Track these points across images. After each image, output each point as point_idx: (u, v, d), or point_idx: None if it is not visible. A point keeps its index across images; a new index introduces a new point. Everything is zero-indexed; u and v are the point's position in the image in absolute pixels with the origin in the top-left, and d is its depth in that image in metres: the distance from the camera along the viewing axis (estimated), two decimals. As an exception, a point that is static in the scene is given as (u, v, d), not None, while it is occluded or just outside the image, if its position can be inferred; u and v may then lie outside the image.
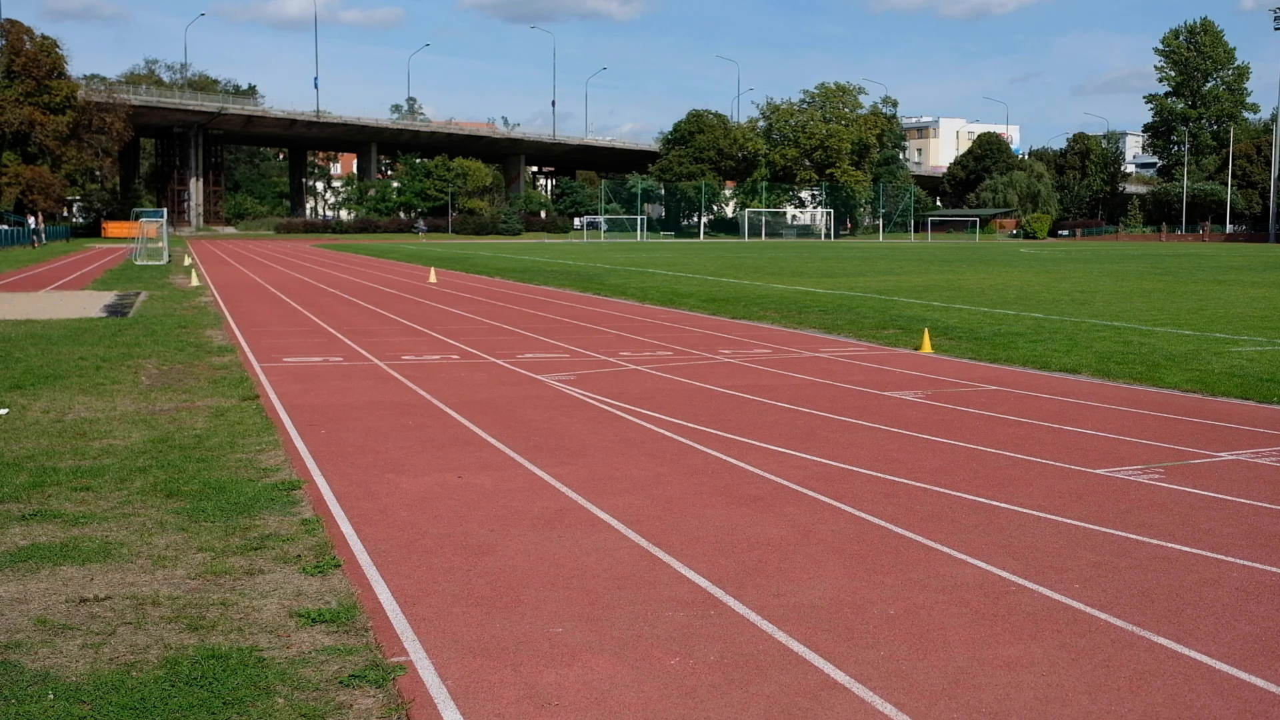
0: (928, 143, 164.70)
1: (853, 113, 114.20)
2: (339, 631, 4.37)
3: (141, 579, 5.00)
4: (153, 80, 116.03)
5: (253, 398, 10.00)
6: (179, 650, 4.13)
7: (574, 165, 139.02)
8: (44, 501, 6.30)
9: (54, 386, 10.55)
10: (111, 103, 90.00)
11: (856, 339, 15.51)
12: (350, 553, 5.42)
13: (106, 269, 36.79)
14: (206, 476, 6.92)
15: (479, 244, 76.79)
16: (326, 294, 25.23)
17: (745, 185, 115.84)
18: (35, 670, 3.94)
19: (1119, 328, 16.66)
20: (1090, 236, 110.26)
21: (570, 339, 15.44)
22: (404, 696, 3.77)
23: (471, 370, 12.22)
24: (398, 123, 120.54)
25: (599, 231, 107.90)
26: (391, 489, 6.74)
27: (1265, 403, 9.99)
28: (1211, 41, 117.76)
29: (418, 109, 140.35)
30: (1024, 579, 5.05)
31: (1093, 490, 6.74)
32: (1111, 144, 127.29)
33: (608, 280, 29.94)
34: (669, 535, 5.76)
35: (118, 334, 15.37)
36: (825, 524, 5.97)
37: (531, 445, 8.05)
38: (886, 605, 4.70)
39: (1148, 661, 4.12)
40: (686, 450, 7.93)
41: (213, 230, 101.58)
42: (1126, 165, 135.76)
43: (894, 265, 40.19)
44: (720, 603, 4.74)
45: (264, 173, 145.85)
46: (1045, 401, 10.08)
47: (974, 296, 23.63)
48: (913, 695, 3.79)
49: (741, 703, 3.74)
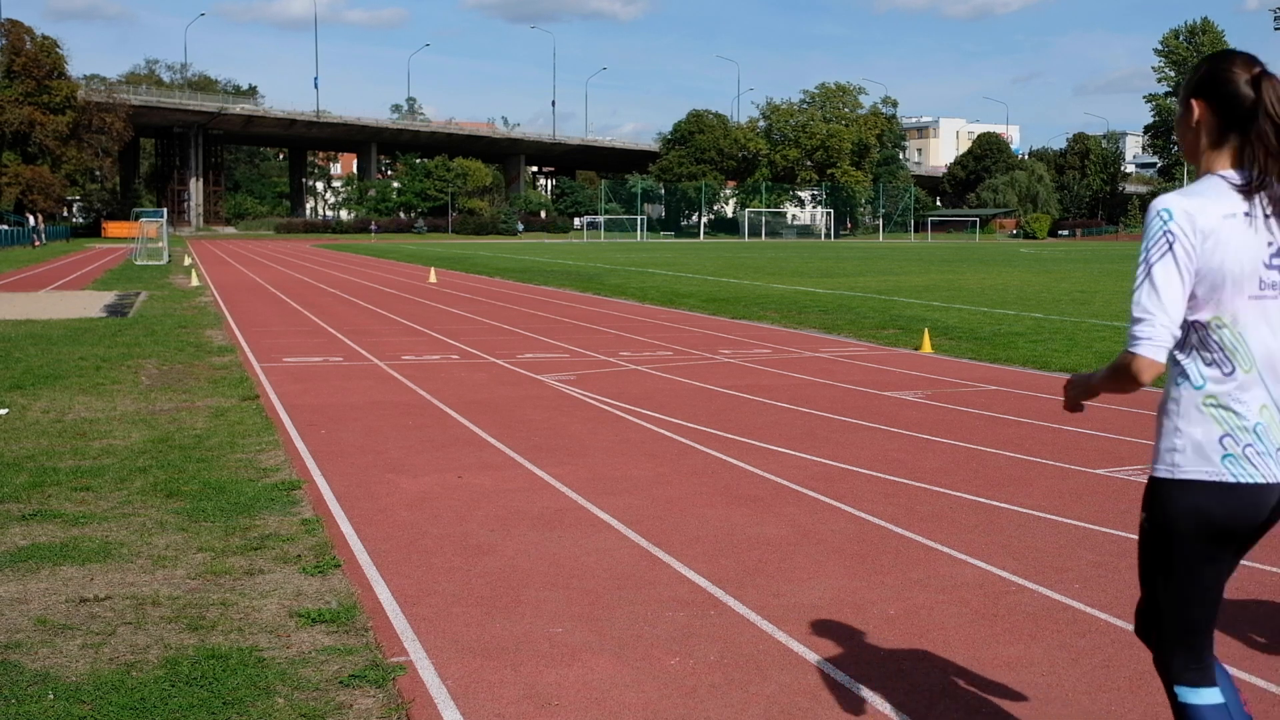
0: (928, 143, 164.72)
1: (853, 113, 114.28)
2: (339, 631, 4.37)
3: (141, 579, 5.00)
4: (153, 80, 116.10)
5: (253, 398, 10.00)
6: (179, 650, 4.13)
7: (574, 165, 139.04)
8: (44, 501, 6.30)
9: (54, 386, 10.55)
10: (111, 103, 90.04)
11: (856, 339, 15.51)
12: (350, 553, 5.42)
13: (106, 269, 36.79)
14: (206, 476, 6.92)
15: (479, 244, 76.81)
16: (326, 294, 25.24)
17: (745, 185, 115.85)
18: (35, 670, 3.94)
19: (1119, 328, 16.66)
20: (1090, 236, 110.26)
21: (570, 339, 15.45)
22: (404, 696, 3.77)
23: (471, 370, 12.22)
24: (398, 123, 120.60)
25: (599, 231, 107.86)
26: (391, 489, 6.74)
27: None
28: (1211, 42, 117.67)
29: (418, 109, 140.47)
30: (1024, 579, 5.05)
31: (1093, 490, 6.74)
32: (1111, 144, 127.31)
33: (608, 280, 29.95)
34: (669, 535, 5.76)
35: (118, 334, 15.37)
36: (825, 524, 5.97)
37: (531, 445, 8.05)
38: (886, 605, 4.70)
39: (1148, 661, 4.11)
40: (686, 450, 7.93)
41: (213, 230, 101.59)
42: (1126, 165, 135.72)
43: (894, 265, 40.19)
44: (720, 603, 4.74)
45: (264, 173, 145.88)
46: (1045, 401, 10.08)
47: (974, 296, 23.63)
48: (913, 695, 3.79)
49: (741, 703, 3.74)
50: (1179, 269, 2.48)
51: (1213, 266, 2.49)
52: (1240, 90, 2.53)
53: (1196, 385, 2.56)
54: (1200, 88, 2.61)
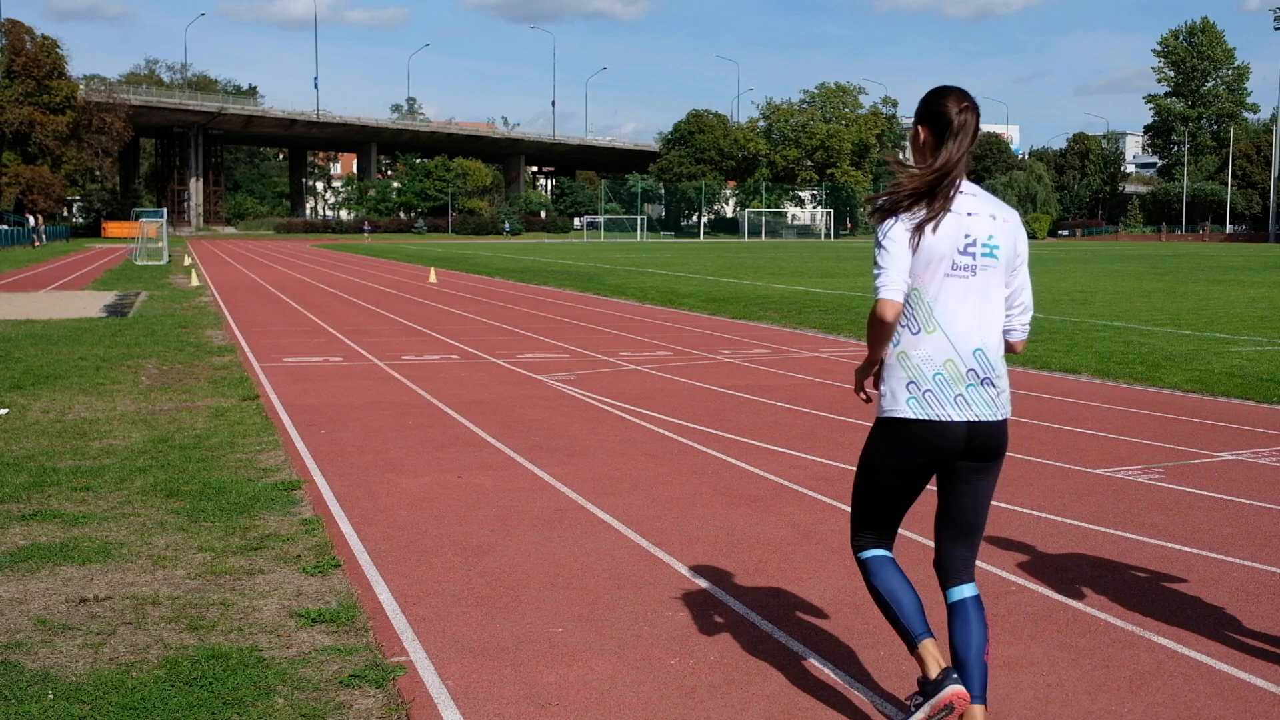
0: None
1: (853, 113, 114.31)
2: (339, 631, 4.37)
3: (141, 579, 5.00)
4: (153, 80, 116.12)
5: (253, 398, 10.00)
6: (179, 650, 4.13)
7: (574, 165, 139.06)
8: (44, 501, 6.30)
9: (54, 386, 10.55)
10: (111, 103, 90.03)
11: (857, 339, 15.50)
12: (350, 553, 5.42)
13: (106, 269, 36.79)
14: (206, 476, 6.92)
15: (479, 244, 76.80)
16: (326, 294, 25.24)
17: (745, 185, 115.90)
18: (35, 670, 3.94)
19: (1119, 328, 16.66)
20: (1090, 236, 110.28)
21: (570, 339, 15.45)
22: (404, 696, 3.77)
23: (471, 370, 12.23)
24: (398, 123, 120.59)
25: (599, 231, 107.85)
26: (391, 489, 6.74)
27: (1265, 403, 9.99)
28: (1211, 41, 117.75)
29: (418, 109, 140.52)
30: (1024, 579, 5.05)
31: (1093, 490, 6.74)
32: (1111, 144, 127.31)
33: (607, 280, 29.95)
34: (669, 535, 5.76)
35: (118, 334, 15.37)
36: (825, 524, 5.97)
37: (531, 445, 8.05)
38: (886, 605, 4.69)
39: (1148, 661, 4.12)
40: (686, 450, 7.93)
41: (213, 230, 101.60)
42: (1126, 165, 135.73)
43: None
44: (720, 602, 4.74)
45: (264, 173, 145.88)
46: (1045, 401, 10.08)
47: (974, 296, 23.59)
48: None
49: (741, 703, 3.74)
50: (900, 240, 3.22)
51: (922, 249, 3.22)
52: (952, 118, 3.26)
53: (895, 344, 3.30)
54: (923, 116, 3.34)
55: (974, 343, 3.27)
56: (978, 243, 3.27)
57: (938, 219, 3.23)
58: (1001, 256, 3.30)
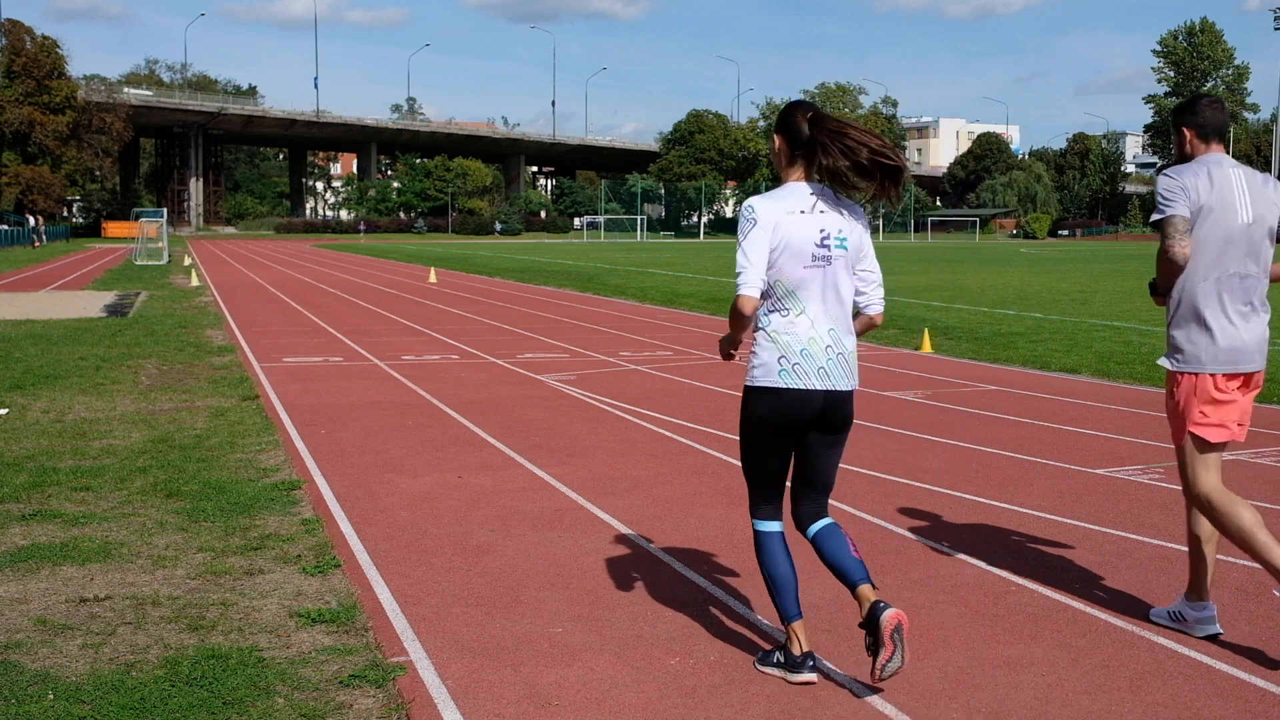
0: (928, 143, 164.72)
1: (853, 113, 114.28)
2: (339, 631, 4.37)
3: (141, 579, 5.00)
4: (153, 80, 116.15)
5: (253, 398, 10.00)
6: (179, 650, 4.13)
7: (574, 165, 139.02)
8: (44, 501, 6.30)
9: (54, 386, 10.55)
10: (111, 103, 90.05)
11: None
12: (350, 553, 5.42)
13: (106, 269, 36.80)
14: (206, 476, 6.92)
15: (479, 244, 76.81)
16: (326, 294, 25.24)
17: (745, 185, 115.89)
18: (35, 670, 3.94)
19: (1119, 328, 16.67)
20: (1090, 236, 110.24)
21: (570, 339, 15.45)
22: (404, 696, 3.77)
23: (471, 370, 12.23)
24: (398, 123, 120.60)
25: (599, 231, 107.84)
26: (391, 489, 6.74)
27: (1265, 403, 9.99)
28: (1211, 42, 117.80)
29: (418, 109, 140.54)
30: (1024, 579, 5.05)
31: (1093, 490, 6.74)
32: (1111, 144, 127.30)
33: (607, 280, 29.95)
34: (669, 535, 5.76)
35: (118, 334, 15.37)
36: (825, 524, 5.96)
37: (531, 445, 8.05)
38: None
39: (1148, 661, 4.12)
40: (686, 450, 7.93)
41: (213, 230, 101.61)
42: (1126, 165, 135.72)
43: (894, 265, 40.18)
44: (720, 602, 4.74)
45: (264, 173, 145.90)
46: (1045, 401, 10.08)
47: (974, 296, 23.64)
48: (913, 695, 3.79)
49: (741, 702, 3.74)
50: (760, 242, 3.72)
51: (779, 244, 3.73)
52: (801, 128, 3.78)
53: (769, 324, 3.80)
54: (779, 127, 3.86)
55: (830, 323, 3.82)
56: (831, 237, 3.78)
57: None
58: (850, 247, 3.82)
